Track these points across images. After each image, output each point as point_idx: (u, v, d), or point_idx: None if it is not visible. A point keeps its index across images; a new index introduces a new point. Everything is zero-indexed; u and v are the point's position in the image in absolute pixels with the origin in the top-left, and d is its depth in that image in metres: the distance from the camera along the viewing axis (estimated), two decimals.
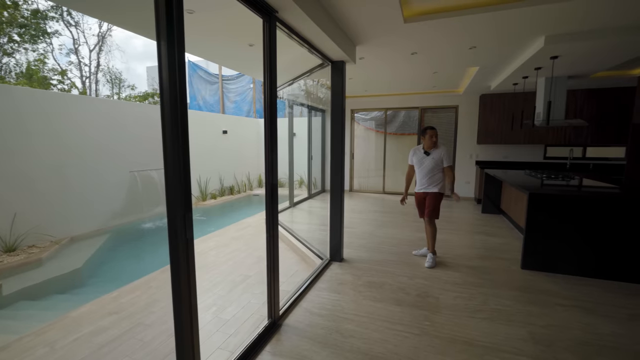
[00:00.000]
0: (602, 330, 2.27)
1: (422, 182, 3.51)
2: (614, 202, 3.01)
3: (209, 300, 2.84)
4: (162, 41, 1.29)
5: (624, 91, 5.60)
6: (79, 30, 11.61)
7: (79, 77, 11.55)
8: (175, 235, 1.36)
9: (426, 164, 3.46)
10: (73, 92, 11.53)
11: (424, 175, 3.49)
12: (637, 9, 2.58)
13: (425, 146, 3.48)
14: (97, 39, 11.92)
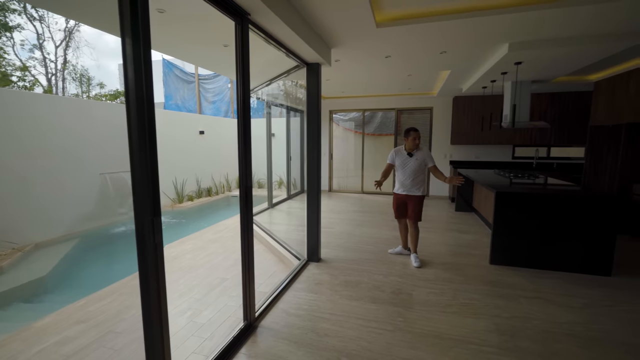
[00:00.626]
0: (560, 319, 2.43)
1: (405, 184, 3.50)
2: (573, 200, 3.22)
3: (185, 304, 2.79)
4: (126, 38, 1.26)
5: (583, 95, 5.99)
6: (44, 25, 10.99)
7: (43, 74, 10.94)
8: (144, 240, 1.34)
9: (410, 166, 3.47)
10: (38, 90, 10.92)
11: (407, 176, 3.49)
12: (591, 21, 2.77)
13: (408, 147, 3.48)
14: (64, 35, 11.34)
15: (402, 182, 3.53)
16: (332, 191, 8.52)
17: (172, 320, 2.54)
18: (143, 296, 1.41)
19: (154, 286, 1.41)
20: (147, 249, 1.36)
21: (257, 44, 2.67)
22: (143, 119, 1.30)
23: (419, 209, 3.50)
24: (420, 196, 3.50)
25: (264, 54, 3.17)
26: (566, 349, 2.09)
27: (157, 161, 1.37)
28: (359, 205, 6.75)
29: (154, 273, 1.39)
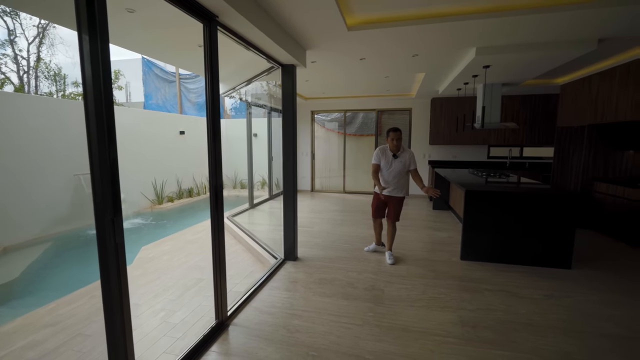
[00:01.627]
0: (520, 310, 2.57)
1: (388, 184, 3.51)
2: (535, 197, 3.38)
3: (158, 305, 2.79)
4: (83, 33, 1.27)
5: (551, 97, 6.27)
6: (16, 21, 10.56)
7: (15, 71, 10.51)
8: (104, 240, 1.36)
9: (394, 167, 3.48)
10: (8, 88, 10.49)
11: (392, 178, 3.50)
12: (552, 29, 2.94)
13: (390, 148, 3.49)
14: (37, 31, 10.94)
15: (385, 182, 3.54)
16: (314, 191, 8.58)
17: (145, 321, 2.55)
18: (105, 297, 1.42)
19: (115, 287, 1.42)
20: (108, 249, 1.37)
21: (230, 45, 2.70)
22: (101, 117, 1.31)
23: (399, 210, 3.58)
24: (402, 197, 3.56)
25: (239, 54, 3.20)
26: (523, 337, 2.22)
27: (117, 159, 1.38)
28: (341, 205, 6.83)
29: (115, 273, 1.41)
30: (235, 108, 12.56)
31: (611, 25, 2.86)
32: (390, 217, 3.59)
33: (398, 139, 3.42)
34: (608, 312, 2.52)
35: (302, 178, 8.58)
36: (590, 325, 2.35)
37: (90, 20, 1.26)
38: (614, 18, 2.71)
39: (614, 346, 2.12)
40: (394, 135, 3.43)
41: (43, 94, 10.37)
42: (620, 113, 4.08)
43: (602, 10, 2.56)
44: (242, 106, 8.79)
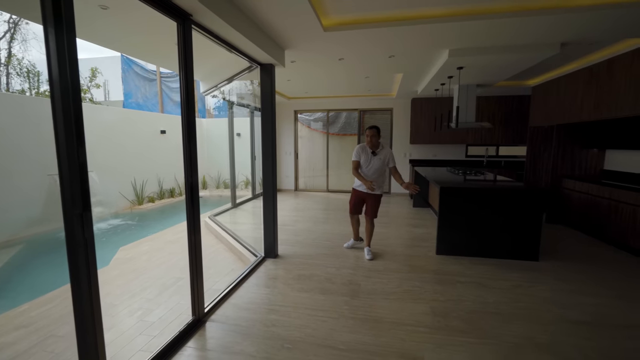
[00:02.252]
0: (488, 300, 2.69)
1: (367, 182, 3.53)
2: (506, 193, 3.54)
3: (135, 304, 2.77)
4: (49, 26, 1.27)
5: (524, 98, 6.53)
6: None
7: None
8: (73, 236, 1.36)
9: (373, 164, 3.54)
10: None
11: (370, 175, 3.56)
12: (518, 32, 3.09)
13: (369, 145, 3.57)
14: (8, 26, 10.51)
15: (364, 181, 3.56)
16: (298, 190, 8.61)
17: (121, 320, 2.54)
18: (74, 294, 1.42)
19: (85, 284, 1.43)
20: (77, 245, 1.38)
21: (209, 43, 2.71)
22: (69, 112, 1.32)
23: (377, 208, 3.66)
24: (379, 195, 3.64)
25: (219, 53, 3.21)
26: (490, 325, 2.34)
27: (86, 153, 1.39)
28: (324, 204, 6.90)
29: (84, 270, 1.41)
30: (218, 107, 12.44)
31: (571, 30, 3.03)
32: (369, 214, 3.67)
33: (373, 135, 3.49)
34: (569, 300, 2.69)
35: (285, 177, 8.61)
36: (552, 312, 2.50)
37: (55, 13, 1.26)
38: (573, 24, 2.89)
39: (573, 330, 2.27)
40: (369, 132, 3.52)
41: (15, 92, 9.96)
42: (584, 113, 4.31)
43: (562, 17, 2.72)
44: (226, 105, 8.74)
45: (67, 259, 1.39)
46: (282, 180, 8.65)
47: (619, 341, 2.15)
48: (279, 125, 8.38)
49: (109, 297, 2.90)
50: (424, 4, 2.67)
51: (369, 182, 3.43)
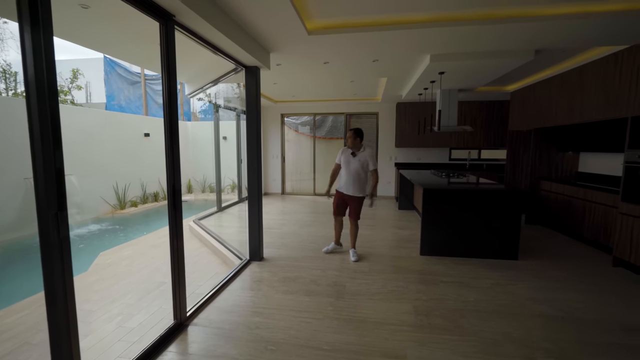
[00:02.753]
0: (469, 298, 2.76)
1: (347, 183, 3.60)
2: (486, 195, 3.65)
3: (115, 310, 2.70)
4: (24, 24, 1.25)
5: (504, 103, 6.76)
6: None
7: None
8: (47, 237, 1.33)
9: (352, 165, 3.56)
10: None
11: (349, 176, 3.57)
12: (493, 39, 3.21)
13: (350, 146, 3.61)
14: None
15: (345, 182, 3.63)
16: (285, 194, 8.60)
17: (100, 326, 2.47)
18: (48, 299, 1.38)
19: (59, 287, 1.39)
20: (52, 245, 1.35)
21: (192, 45, 2.70)
22: (45, 113, 1.29)
23: (359, 210, 3.68)
24: (361, 197, 3.64)
25: (204, 55, 3.20)
26: (470, 322, 2.39)
27: (62, 151, 1.36)
28: (310, 207, 6.90)
29: (59, 271, 1.38)
30: (204, 110, 12.32)
31: (544, 38, 3.18)
32: (352, 216, 3.70)
33: (349, 137, 3.56)
34: (544, 296, 2.78)
35: (272, 181, 8.58)
36: (528, 308, 2.58)
37: (32, 11, 1.24)
38: (545, 32, 3.02)
39: (547, 324, 2.35)
40: (348, 133, 3.60)
41: None
42: (558, 118, 4.50)
43: (535, 25, 2.85)
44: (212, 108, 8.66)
45: (41, 261, 1.35)
46: (269, 184, 8.62)
47: (591, 335, 2.24)
48: (266, 128, 8.37)
49: (87, 304, 2.82)
50: (406, 10, 2.75)
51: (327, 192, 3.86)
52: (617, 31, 3.01)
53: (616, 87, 3.49)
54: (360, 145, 3.60)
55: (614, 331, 2.28)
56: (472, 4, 2.65)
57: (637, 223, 3.18)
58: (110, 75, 10.35)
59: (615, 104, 3.50)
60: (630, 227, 3.26)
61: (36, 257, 3.13)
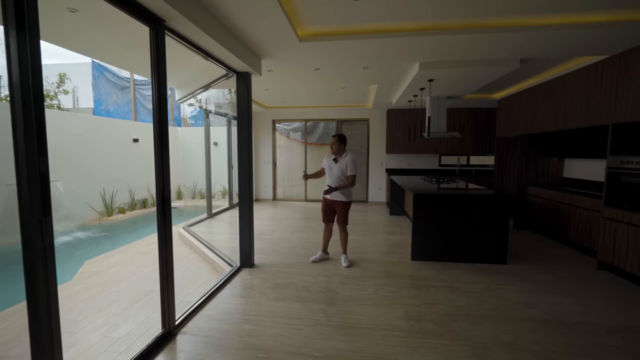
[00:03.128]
0: (460, 303, 2.78)
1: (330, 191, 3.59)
2: (476, 200, 3.70)
3: (101, 320, 2.62)
4: (10, 28, 1.23)
5: (491, 110, 6.92)
6: None
7: None
8: (30, 243, 1.29)
9: (334, 171, 3.59)
10: None
11: (332, 182, 3.61)
12: (481, 48, 3.30)
13: (334, 152, 3.64)
14: None
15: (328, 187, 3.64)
16: (276, 200, 8.56)
17: (84, 337, 2.39)
18: (30, 309, 1.33)
19: (42, 296, 1.34)
20: (35, 252, 1.31)
21: (183, 50, 2.69)
22: (30, 116, 1.27)
23: (346, 214, 3.67)
24: (346, 202, 3.63)
25: (195, 60, 3.19)
26: (460, 327, 2.41)
27: (47, 157, 1.33)
28: (302, 213, 6.89)
29: (42, 279, 1.34)
30: (194, 116, 12.23)
31: (528, 47, 3.28)
32: (340, 221, 3.69)
33: (333, 142, 3.60)
34: (533, 300, 2.82)
35: (264, 187, 8.54)
36: (517, 312, 2.61)
37: (17, 14, 1.22)
38: (529, 41, 3.13)
39: (535, 328, 2.38)
40: (332, 140, 3.63)
41: None
42: (544, 124, 4.63)
43: (520, 34, 2.94)
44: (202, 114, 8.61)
45: (23, 268, 1.31)
46: (260, 190, 8.57)
47: (577, 337, 2.28)
48: (257, 134, 8.35)
49: (71, 314, 2.73)
50: (395, 18, 2.81)
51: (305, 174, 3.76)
52: (597, 42, 3.14)
53: (597, 96, 3.62)
54: (343, 151, 3.62)
55: (599, 333, 2.33)
56: (461, 14, 2.72)
57: (620, 227, 3.27)
58: (98, 80, 10.22)
59: (597, 111, 3.62)
60: (613, 231, 3.35)
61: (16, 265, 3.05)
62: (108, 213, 6.87)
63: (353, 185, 3.59)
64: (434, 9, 2.59)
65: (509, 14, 2.70)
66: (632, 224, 3.14)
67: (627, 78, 3.23)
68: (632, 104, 3.16)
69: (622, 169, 3.27)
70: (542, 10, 2.63)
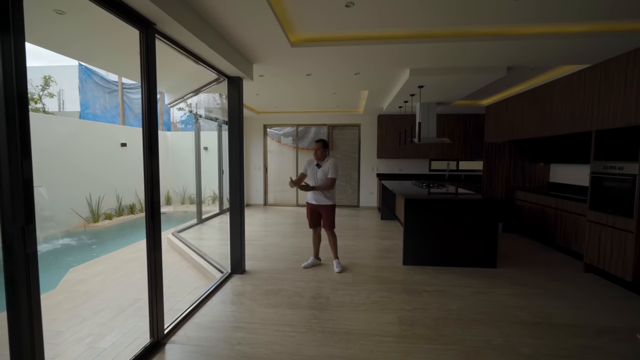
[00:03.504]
0: (451, 307, 2.79)
1: (316, 193, 3.62)
2: (466, 205, 3.75)
3: (85, 330, 2.54)
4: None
5: (479, 117, 7.06)
6: None
7: None
8: (10, 252, 1.24)
9: (319, 176, 3.59)
10: None
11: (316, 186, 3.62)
12: (470, 55, 3.37)
13: (315, 157, 3.66)
14: None
15: (312, 193, 3.65)
16: (267, 205, 8.50)
17: (67, 348, 2.31)
18: (10, 321, 1.27)
19: (24, 306, 1.29)
20: (17, 261, 1.25)
21: (174, 54, 2.67)
22: (13, 118, 1.23)
23: (332, 218, 3.66)
24: (331, 205, 3.64)
25: (186, 64, 3.16)
26: (452, 331, 2.41)
27: (31, 161, 1.29)
28: (293, 218, 6.85)
29: (23, 290, 1.28)
30: (184, 120, 12.12)
31: (514, 56, 3.37)
32: (327, 226, 3.68)
33: (318, 148, 3.60)
34: (522, 303, 2.86)
35: (255, 192, 8.48)
36: (508, 315, 2.64)
37: (1, 12, 1.19)
38: (516, 50, 3.21)
39: (525, 331, 2.40)
40: (316, 145, 3.63)
41: None
42: (530, 131, 4.74)
43: (507, 43, 3.02)
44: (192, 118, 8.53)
45: (4, 277, 1.26)
46: (251, 195, 8.50)
47: (566, 339, 2.31)
48: (248, 139, 8.31)
49: (54, 324, 2.63)
50: (387, 26, 2.85)
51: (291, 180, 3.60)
52: (583, 51, 3.25)
53: (581, 103, 3.73)
54: (325, 156, 3.65)
55: (587, 335, 2.37)
56: (454, 22, 2.77)
57: (604, 230, 3.36)
58: (85, 83, 10.02)
59: (581, 118, 3.73)
60: (598, 235, 3.44)
61: None
62: (94, 219, 6.69)
63: (332, 188, 3.61)
64: (426, 16, 2.64)
65: (501, 22, 2.76)
66: (615, 228, 3.23)
67: (608, 85, 3.35)
68: (613, 111, 3.27)
69: (606, 174, 3.37)
70: (532, 20, 2.71)
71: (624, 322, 2.56)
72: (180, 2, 2.15)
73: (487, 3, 2.40)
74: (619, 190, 3.22)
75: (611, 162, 3.32)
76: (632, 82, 3.07)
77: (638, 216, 2.99)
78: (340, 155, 8.15)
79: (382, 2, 2.42)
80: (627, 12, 2.57)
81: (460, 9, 2.50)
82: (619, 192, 3.22)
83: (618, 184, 3.22)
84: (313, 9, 2.51)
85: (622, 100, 3.17)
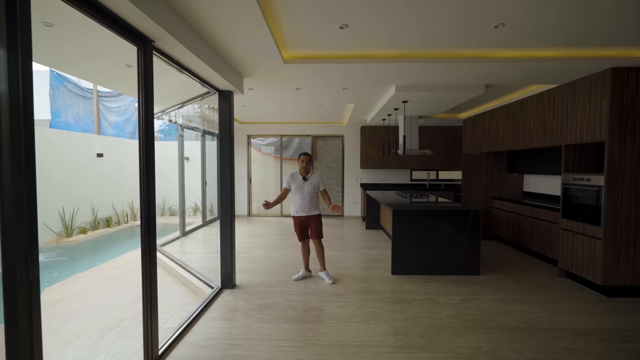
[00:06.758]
0: (442, 315, 2.90)
1: (303, 205, 3.69)
2: (450, 214, 3.92)
3: (69, 355, 2.41)
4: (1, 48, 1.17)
5: (458, 129, 7.41)
6: None
7: None
8: (12, 279, 1.19)
9: (306, 189, 3.69)
10: None
11: (304, 199, 3.68)
12: (451, 74, 3.57)
13: (300, 171, 3.72)
14: None
15: (300, 206, 3.70)
16: (251, 215, 8.41)
17: None
18: (9, 349, 1.21)
19: (24, 332, 1.23)
20: (18, 287, 1.21)
21: (164, 67, 2.65)
22: (19, 137, 1.20)
23: (320, 227, 3.76)
24: (320, 215, 3.77)
25: (174, 77, 3.14)
26: (445, 339, 2.51)
27: (36, 182, 1.26)
28: (279, 229, 6.82)
29: (25, 317, 1.23)
30: (163, 130, 11.82)
31: (491, 75, 3.62)
32: (314, 235, 3.74)
33: (307, 162, 3.70)
34: (505, 309, 3.01)
35: (238, 202, 8.37)
36: (494, 321, 2.77)
37: (10, 30, 1.17)
38: (492, 71, 3.46)
39: (511, 336, 2.54)
40: (304, 158, 3.70)
41: None
42: (505, 143, 5.05)
43: (484, 65, 3.25)
44: (172, 128, 8.34)
45: (3, 305, 1.20)
46: (235, 206, 8.37)
47: (547, 341, 2.46)
48: None
49: None
50: (375, 46, 2.98)
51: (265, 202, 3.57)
52: (548, 74, 3.54)
53: (551, 119, 4.04)
54: (309, 170, 3.75)
55: (566, 337, 2.54)
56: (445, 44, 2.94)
57: (575, 237, 3.62)
58: (57, 90, 9.58)
59: (551, 133, 4.03)
60: (570, 241, 3.70)
61: None
62: (67, 234, 6.34)
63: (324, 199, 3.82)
64: (420, 37, 2.77)
65: (481, 46, 2.96)
66: (585, 235, 3.49)
67: (574, 104, 3.66)
68: (580, 127, 3.57)
69: (575, 185, 3.65)
70: (507, 45, 2.93)
71: (597, 323, 2.77)
72: (178, 19, 2.17)
73: (472, 29, 2.59)
74: (587, 199, 3.50)
75: (579, 175, 3.60)
76: (595, 102, 3.38)
77: (605, 224, 3.26)
78: (324, 165, 8.25)
79: (374, 26, 2.54)
80: (588, 42, 2.86)
81: (451, 33, 2.67)
82: (587, 201, 3.50)
83: (586, 195, 3.50)
84: (308, 29, 2.60)
85: (587, 118, 3.48)
